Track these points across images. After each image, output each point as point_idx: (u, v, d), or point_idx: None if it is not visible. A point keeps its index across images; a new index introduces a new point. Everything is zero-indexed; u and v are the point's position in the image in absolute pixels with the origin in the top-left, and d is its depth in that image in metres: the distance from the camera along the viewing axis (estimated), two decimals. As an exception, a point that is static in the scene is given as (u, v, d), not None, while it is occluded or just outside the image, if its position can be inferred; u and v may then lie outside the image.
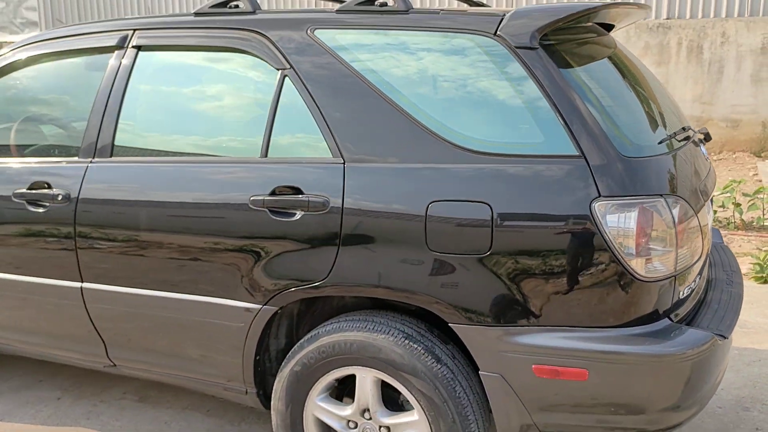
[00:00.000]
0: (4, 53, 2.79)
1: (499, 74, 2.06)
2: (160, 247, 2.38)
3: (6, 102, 2.92)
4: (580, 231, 1.91)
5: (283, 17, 2.36)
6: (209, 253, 2.31)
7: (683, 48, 9.24)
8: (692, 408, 2.02)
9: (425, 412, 2.12)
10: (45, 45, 2.75)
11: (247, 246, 2.24)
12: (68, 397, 3.22)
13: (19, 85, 2.90)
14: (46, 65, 2.81)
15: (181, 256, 2.35)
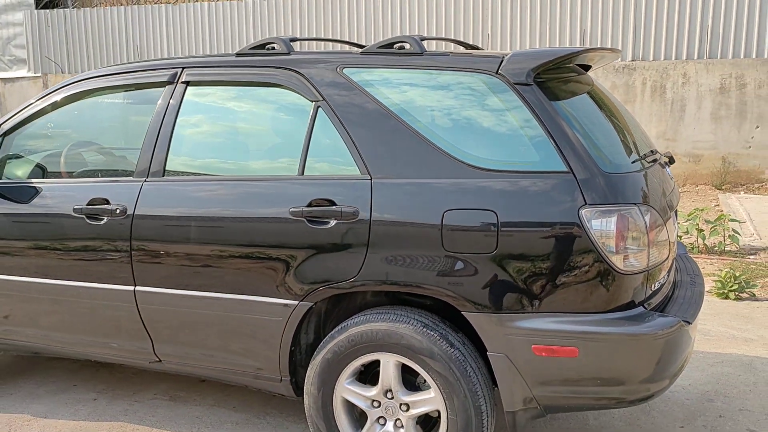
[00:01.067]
0: (65, 85, 3.16)
1: (500, 105, 2.50)
2: (207, 254, 2.75)
3: (67, 128, 3.29)
4: (570, 233, 2.33)
5: (316, 57, 2.79)
6: (252, 258, 2.69)
7: (647, 88, 9.87)
8: (664, 381, 2.43)
9: (441, 390, 2.50)
10: (102, 79, 3.14)
11: (287, 250, 2.63)
12: (103, 399, 3.52)
13: (78, 114, 3.27)
14: (102, 97, 3.20)
15: (227, 260, 2.73)
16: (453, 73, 2.61)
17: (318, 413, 2.69)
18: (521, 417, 2.49)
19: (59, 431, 3.18)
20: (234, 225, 2.72)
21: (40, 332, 3.20)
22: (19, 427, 3.24)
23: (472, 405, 2.46)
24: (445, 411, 2.50)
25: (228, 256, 2.72)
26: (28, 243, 3.08)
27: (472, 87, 2.57)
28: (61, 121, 3.29)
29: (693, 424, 3.21)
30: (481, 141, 2.51)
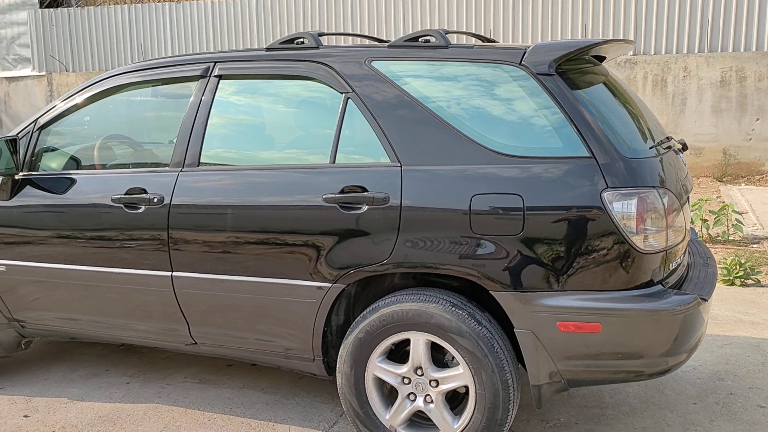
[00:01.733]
0: (100, 80, 3.28)
1: (524, 94, 2.63)
2: (242, 240, 2.88)
3: (101, 122, 3.41)
4: (592, 215, 2.46)
5: (344, 51, 2.92)
6: (287, 243, 2.81)
7: (649, 82, 10.00)
8: (681, 355, 2.57)
9: (469, 366, 2.63)
10: (136, 74, 3.26)
11: (320, 235, 2.76)
12: (136, 382, 3.65)
13: (112, 107, 3.39)
14: (138, 90, 3.32)
15: (261, 246, 2.85)
16: (477, 65, 2.74)
17: (351, 390, 2.82)
18: (546, 390, 2.63)
19: (97, 413, 3.31)
20: (269, 212, 2.84)
21: (79, 317, 3.33)
22: (58, 409, 3.36)
23: (500, 380, 2.59)
24: (474, 386, 2.63)
25: (263, 241, 2.85)
26: (67, 232, 3.19)
27: (497, 78, 2.70)
28: (95, 114, 3.40)
29: (705, 401, 3.34)
30: (506, 129, 2.64)
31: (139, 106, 3.43)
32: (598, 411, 3.25)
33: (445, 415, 2.71)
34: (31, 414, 3.32)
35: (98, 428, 3.16)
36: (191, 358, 3.91)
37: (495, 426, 2.62)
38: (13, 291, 3.38)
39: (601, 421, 3.16)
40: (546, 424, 3.13)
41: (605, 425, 3.12)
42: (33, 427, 3.19)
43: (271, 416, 3.25)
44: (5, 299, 3.40)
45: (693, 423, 3.13)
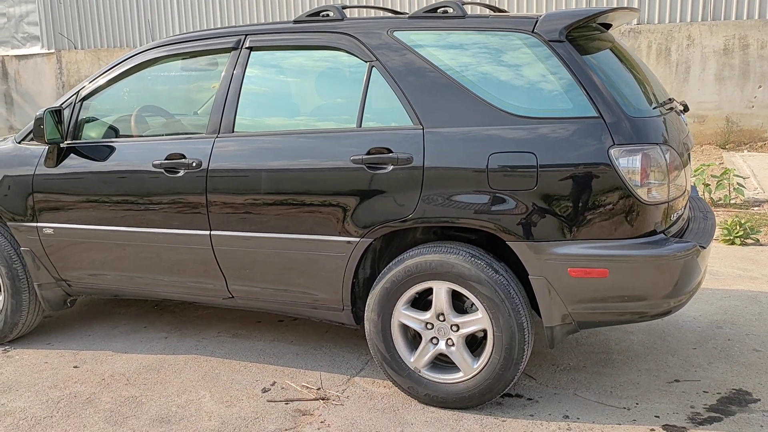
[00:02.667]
0: (136, 53, 3.49)
1: (536, 60, 2.85)
2: (276, 200, 3.11)
3: (141, 91, 3.64)
4: (600, 170, 2.69)
5: (368, 22, 3.13)
6: (317, 202, 3.05)
7: (653, 50, 10.13)
8: (681, 297, 2.81)
9: (487, 311, 2.87)
10: (171, 47, 3.47)
11: (348, 194, 2.99)
12: (174, 337, 3.92)
13: (152, 77, 3.62)
14: (173, 62, 3.54)
15: (294, 205, 3.09)
16: (493, 33, 2.95)
17: (378, 336, 3.07)
18: (558, 332, 2.88)
19: (141, 363, 3.58)
20: (300, 173, 3.07)
21: (123, 276, 3.58)
22: (104, 360, 3.63)
23: (516, 322, 2.84)
24: (491, 329, 2.88)
25: (295, 201, 3.08)
26: (111, 196, 3.43)
27: (511, 45, 2.91)
28: (133, 86, 3.62)
29: (704, 346, 3.60)
30: (520, 92, 2.86)
31: (175, 77, 3.65)
32: (604, 356, 3.51)
33: (465, 357, 2.97)
34: (80, 365, 3.59)
35: (144, 376, 3.43)
36: (222, 314, 4.17)
37: (511, 365, 2.87)
38: (60, 252, 3.63)
39: (608, 365, 3.41)
40: (556, 368, 3.39)
41: (611, 368, 3.38)
42: (83, 376, 3.46)
43: (302, 364, 3.51)
44: (53, 260, 3.65)
45: (693, 365, 3.39)
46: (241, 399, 3.17)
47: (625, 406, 3.02)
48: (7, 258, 3.70)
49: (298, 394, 3.21)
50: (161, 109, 3.73)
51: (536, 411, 3.00)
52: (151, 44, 3.52)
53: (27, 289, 3.74)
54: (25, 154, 3.63)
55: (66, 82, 13.91)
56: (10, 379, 3.45)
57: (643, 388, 3.17)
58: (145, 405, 3.14)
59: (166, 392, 3.26)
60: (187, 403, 3.14)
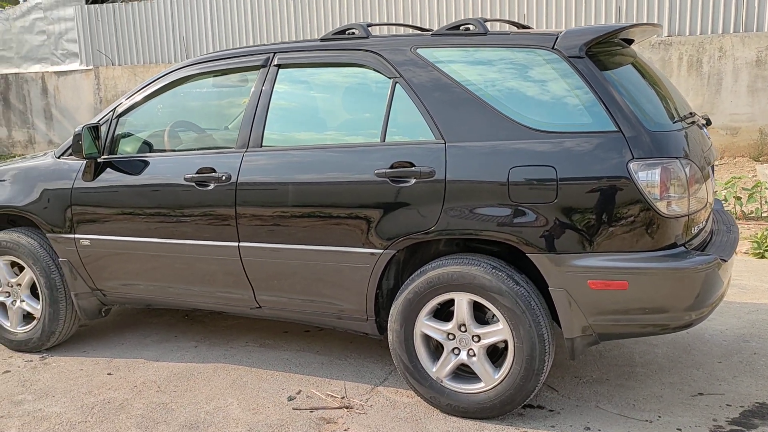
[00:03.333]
0: (169, 72, 3.62)
1: (557, 76, 2.90)
2: (302, 212, 3.20)
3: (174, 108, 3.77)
4: (620, 183, 2.72)
5: (392, 40, 3.21)
6: (342, 215, 3.12)
7: (684, 62, 10.08)
8: (703, 310, 2.82)
9: (508, 322, 2.92)
10: (202, 65, 3.60)
11: (373, 206, 3.06)
12: (203, 346, 4.02)
13: (185, 94, 3.75)
14: (205, 80, 3.66)
15: (319, 217, 3.17)
16: (514, 50, 3.01)
17: (401, 346, 3.13)
18: (579, 343, 2.91)
19: (172, 371, 3.69)
20: (325, 187, 3.16)
21: (155, 286, 3.70)
22: (137, 368, 3.75)
23: (536, 333, 2.88)
24: (512, 340, 2.92)
25: (321, 213, 3.17)
26: (144, 208, 3.56)
27: (531, 61, 2.96)
28: (166, 103, 3.76)
29: (730, 360, 3.58)
30: (540, 107, 2.91)
31: (206, 93, 3.78)
32: (628, 369, 3.52)
33: (486, 367, 3.01)
34: (114, 372, 3.71)
35: (174, 383, 3.54)
36: (250, 324, 4.27)
37: (532, 376, 2.91)
38: (96, 263, 3.76)
39: (631, 378, 3.42)
40: (579, 380, 3.41)
41: (634, 381, 3.39)
42: (117, 383, 3.58)
43: (327, 373, 3.58)
44: (89, 270, 3.79)
45: (717, 379, 3.38)
46: (268, 407, 3.25)
47: (647, 419, 3.03)
48: (46, 268, 3.84)
49: (322, 402, 3.28)
50: (193, 125, 3.86)
51: (557, 422, 3.02)
52: (184, 62, 3.65)
53: (64, 299, 3.88)
54: (63, 169, 3.79)
55: (103, 97, 14.28)
56: (47, 385, 3.58)
57: (666, 402, 3.17)
58: (175, 411, 3.24)
59: (196, 399, 3.35)
60: (216, 410, 3.23)
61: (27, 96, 15.23)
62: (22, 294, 3.97)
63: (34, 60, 15.00)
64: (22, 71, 15.14)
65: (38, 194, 3.80)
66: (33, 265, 3.86)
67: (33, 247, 3.85)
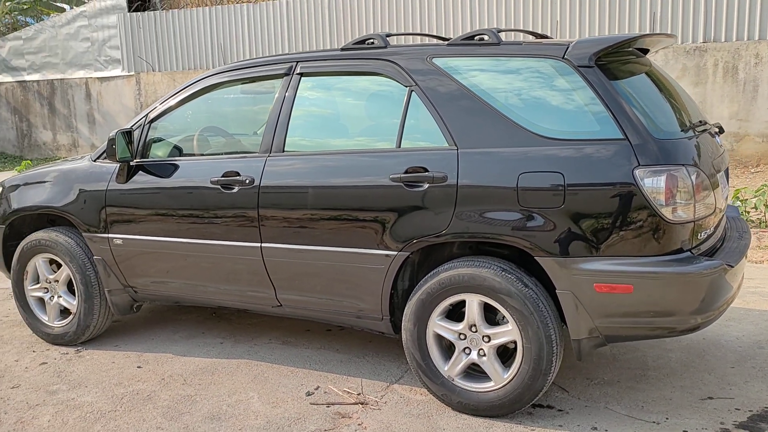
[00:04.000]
0: (198, 80, 3.81)
1: (566, 85, 2.98)
2: (321, 215, 3.34)
3: (203, 114, 3.96)
4: (626, 189, 2.79)
5: (409, 50, 3.33)
6: (358, 217, 3.25)
7: (719, 69, 9.99)
8: (709, 314, 2.87)
9: (517, 323, 3.01)
10: (229, 74, 3.77)
11: (387, 210, 3.18)
12: (228, 343, 4.19)
13: (213, 101, 3.93)
14: (231, 87, 3.84)
15: (337, 220, 3.30)
16: (526, 59, 3.11)
17: (414, 345, 3.24)
18: (585, 344, 2.98)
19: (197, 365, 3.86)
20: (344, 190, 3.29)
21: (184, 284, 3.88)
22: (165, 362, 3.93)
23: (544, 335, 2.96)
24: (521, 341, 3.01)
25: (338, 216, 3.30)
26: (173, 210, 3.74)
27: (542, 70, 3.06)
28: (195, 109, 3.94)
29: (743, 365, 3.61)
30: (549, 115, 3.00)
31: (232, 100, 3.96)
32: (640, 372, 3.57)
33: (496, 367, 3.10)
34: (143, 365, 3.90)
35: (199, 377, 3.70)
36: (274, 323, 4.42)
37: (540, 375, 2.99)
38: (128, 261, 3.96)
39: (642, 380, 3.48)
40: (590, 382, 3.48)
41: (645, 383, 3.44)
42: (146, 375, 3.76)
43: (345, 371, 3.71)
44: (122, 268, 3.98)
45: (728, 383, 3.41)
46: (286, 401, 3.39)
47: (655, 420, 3.09)
48: (82, 266, 4.05)
49: (339, 398, 3.41)
50: (221, 130, 4.04)
51: (565, 422, 3.10)
52: (212, 71, 3.82)
53: (98, 295, 4.08)
54: (99, 171, 3.99)
55: (144, 102, 14.69)
56: (80, 376, 3.78)
57: (675, 404, 3.23)
58: (198, 403, 3.40)
59: (219, 392, 3.51)
60: (237, 403, 3.39)
61: (71, 101, 15.73)
62: (59, 290, 4.19)
63: (78, 66, 15.50)
64: (67, 77, 15.65)
65: (75, 195, 4.01)
66: (70, 262, 4.07)
67: (70, 245, 4.07)
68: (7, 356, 4.10)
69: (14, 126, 16.46)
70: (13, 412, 3.38)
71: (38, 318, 4.27)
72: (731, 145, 9.83)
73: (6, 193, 4.35)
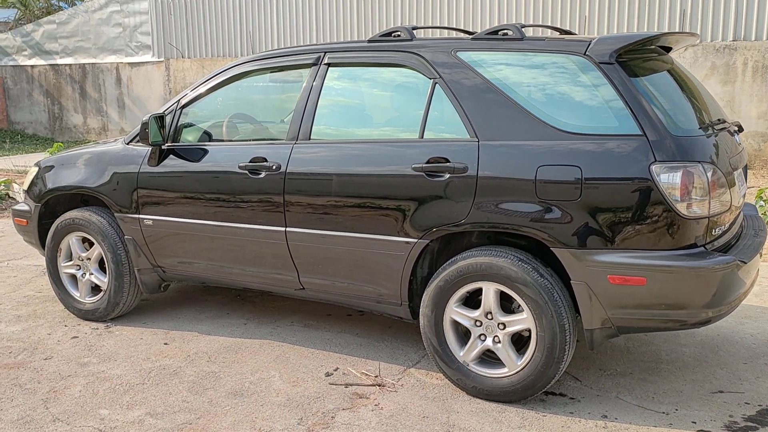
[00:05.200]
0: (229, 67, 3.93)
1: (587, 80, 3.05)
2: (344, 202, 3.45)
3: (233, 101, 4.09)
4: (642, 184, 2.86)
5: (433, 43, 3.42)
6: (381, 205, 3.36)
7: (749, 68, 9.92)
8: (720, 308, 2.94)
9: (532, 311, 3.09)
10: (259, 62, 3.89)
11: (409, 198, 3.28)
12: (251, 324, 4.33)
13: (242, 88, 4.06)
14: (262, 75, 3.96)
15: (360, 207, 3.41)
16: (548, 55, 3.18)
17: (431, 330, 3.34)
18: (598, 335, 3.06)
19: (222, 344, 4.00)
20: (367, 179, 3.40)
21: (210, 265, 4.01)
22: (191, 340, 4.08)
23: (558, 324, 3.04)
24: (535, 329, 3.10)
25: (361, 203, 3.41)
26: (202, 193, 3.87)
27: (564, 66, 3.13)
28: (226, 96, 4.07)
29: (756, 362, 3.66)
30: (569, 110, 3.08)
31: (262, 88, 4.08)
32: (653, 365, 3.64)
33: (510, 354, 3.20)
34: (170, 342, 4.05)
35: (223, 355, 3.84)
36: (296, 306, 4.55)
37: (552, 363, 3.08)
38: (157, 242, 4.10)
39: (654, 373, 3.55)
40: (603, 372, 3.56)
41: (657, 376, 3.51)
42: (173, 352, 3.91)
43: (364, 354, 3.83)
44: (151, 248, 4.13)
45: (740, 378, 3.47)
46: (306, 380, 3.52)
47: (665, 411, 3.16)
48: (113, 245, 4.21)
49: (357, 379, 3.52)
50: (249, 117, 4.16)
51: (576, 409, 3.19)
52: (242, 59, 3.94)
53: (128, 273, 4.24)
54: (131, 154, 4.14)
55: (173, 88, 14.92)
56: (110, 350, 3.94)
57: (685, 396, 3.29)
58: (222, 379, 3.54)
59: (242, 370, 3.64)
60: (259, 381, 3.52)
61: (102, 85, 16.01)
62: (91, 267, 4.35)
63: (109, 51, 15.77)
64: (98, 62, 15.94)
65: (109, 177, 4.17)
66: (102, 241, 4.23)
67: (102, 225, 4.22)
68: (41, 329, 4.28)
69: (46, 109, 16.80)
70: (46, 381, 3.55)
71: (70, 294, 4.44)
72: (759, 145, 9.78)
73: (42, 173, 4.52)
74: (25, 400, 3.34)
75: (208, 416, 3.17)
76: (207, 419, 3.14)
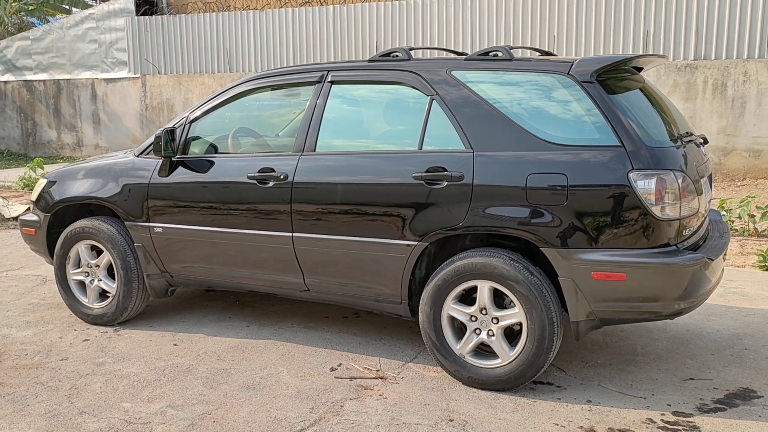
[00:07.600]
0: (236, 84, 4.20)
1: (570, 97, 3.40)
2: (349, 208, 3.74)
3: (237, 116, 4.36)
4: (621, 190, 3.21)
5: (430, 63, 3.75)
6: (383, 212, 3.65)
7: (709, 86, 10.46)
8: (692, 300, 3.29)
9: (523, 306, 3.41)
10: (265, 80, 4.17)
11: (409, 205, 3.58)
12: (254, 326, 4.57)
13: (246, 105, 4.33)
14: (268, 93, 4.24)
15: (363, 213, 3.70)
16: (535, 74, 3.52)
17: (430, 326, 3.64)
18: (583, 326, 3.39)
19: (228, 344, 4.24)
20: (369, 187, 3.69)
21: (218, 269, 4.26)
22: (198, 341, 4.31)
23: (547, 317, 3.36)
24: (526, 322, 3.41)
25: (365, 210, 3.70)
26: (212, 202, 4.12)
27: (549, 84, 3.48)
28: (233, 111, 4.34)
29: (722, 353, 4.03)
30: (555, 123, 3.42)
31: (267, 104, 4.36)
32: (630, 357, 3.98)
33: (503, 346, 3.51)
34: (179, 343, 4.27)
35: (232, 354, 4.08)
36: (294, 309, 4.81)
37: (542, 353, 3.39)
38: (166, 248, 4.33)
39: (631, 364, 3.89)
40: (585, 364, 3.89)
41: (634, 366, 3.85)
42: (182, 351, 4.14)
43: (364, 351, 4.10)
44: (160, 254, 4.36)
45: (708, 368, 3.83)
46: (313, 375, 3.78)
47: (642, 396, 3.49)
48: (123, 252, 4.42)
49: (360, 373, 3.79)
50: (253, 131, 4.43)
51: (563, 396, 3.50)
52: (249, 77, 4.22)
53: (137, 279, 4.45)
54: (142, 166, 4.38)
55: (149, 104, 15.06)
56: (122, 351, 4.16)
57: (660, 383, 3.63)
58: (234, 375, 3.78)
59: (251, 367, 3.89)
60: (269, 376, 3.77)
61: (77, 101, 16.06)
62: (100, 274, 4.56)
63: (85, 67, 15.83)
64: (73, 77, 15.98)
65: (120, 187, 4.39)
66: (111, 248, 4.44)
67: (112, 233, 4.44)
68: (51, 334, 4.47)
69: (19, 125, 16.76)
70: (67, 380, 3.75)
71: (78, 300, 4.64)
72: (719, 159, 10.30)
73: (50, 185, 4.72)
74: (50, 396, 3.55)
75: (225, 407, 3.41)
76: (225, 410, 3.39)
